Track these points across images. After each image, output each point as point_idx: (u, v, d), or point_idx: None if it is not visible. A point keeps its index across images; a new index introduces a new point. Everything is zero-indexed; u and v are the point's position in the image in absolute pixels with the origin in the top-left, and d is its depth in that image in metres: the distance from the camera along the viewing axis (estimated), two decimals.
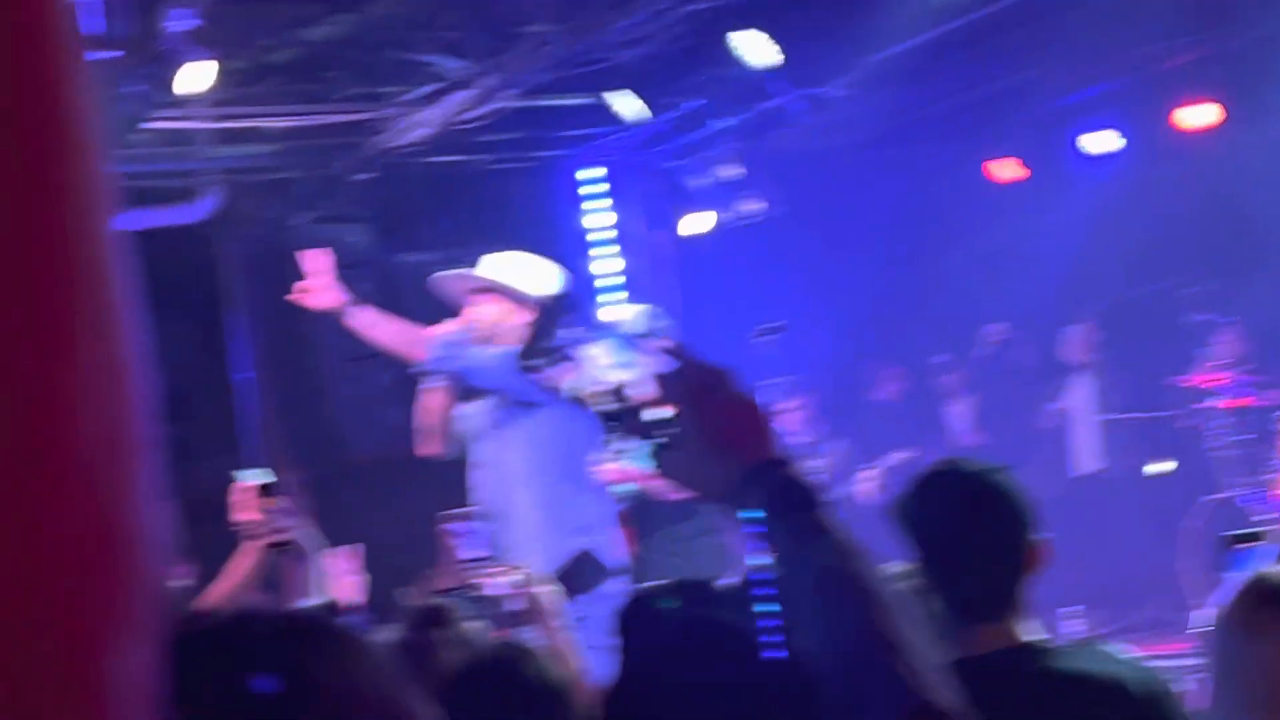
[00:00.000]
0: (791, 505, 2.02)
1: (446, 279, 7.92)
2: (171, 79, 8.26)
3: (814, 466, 11.54)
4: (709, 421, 2.08)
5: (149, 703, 0.68)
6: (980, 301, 12.83)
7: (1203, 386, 10.95)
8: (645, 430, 2.13)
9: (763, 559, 1.98)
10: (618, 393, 2.16)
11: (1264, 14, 10.59)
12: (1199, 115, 11.85)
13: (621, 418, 2.16)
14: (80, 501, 0.68)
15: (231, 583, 5.58)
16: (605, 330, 2.08)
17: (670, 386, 2.12)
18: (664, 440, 2.12)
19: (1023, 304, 12.65)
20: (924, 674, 1.90)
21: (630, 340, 1.96)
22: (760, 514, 2.02)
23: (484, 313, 7.57)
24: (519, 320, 7.50)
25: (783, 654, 1.96)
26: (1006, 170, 12.95)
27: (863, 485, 11.79)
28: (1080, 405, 12.25)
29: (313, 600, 5.63)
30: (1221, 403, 10.80)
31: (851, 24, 9.86)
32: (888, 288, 12.89)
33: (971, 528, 3.63)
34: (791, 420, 11.62)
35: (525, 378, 7.49)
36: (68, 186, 0.72)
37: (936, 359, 13.03)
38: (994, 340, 12.85)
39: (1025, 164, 12.89)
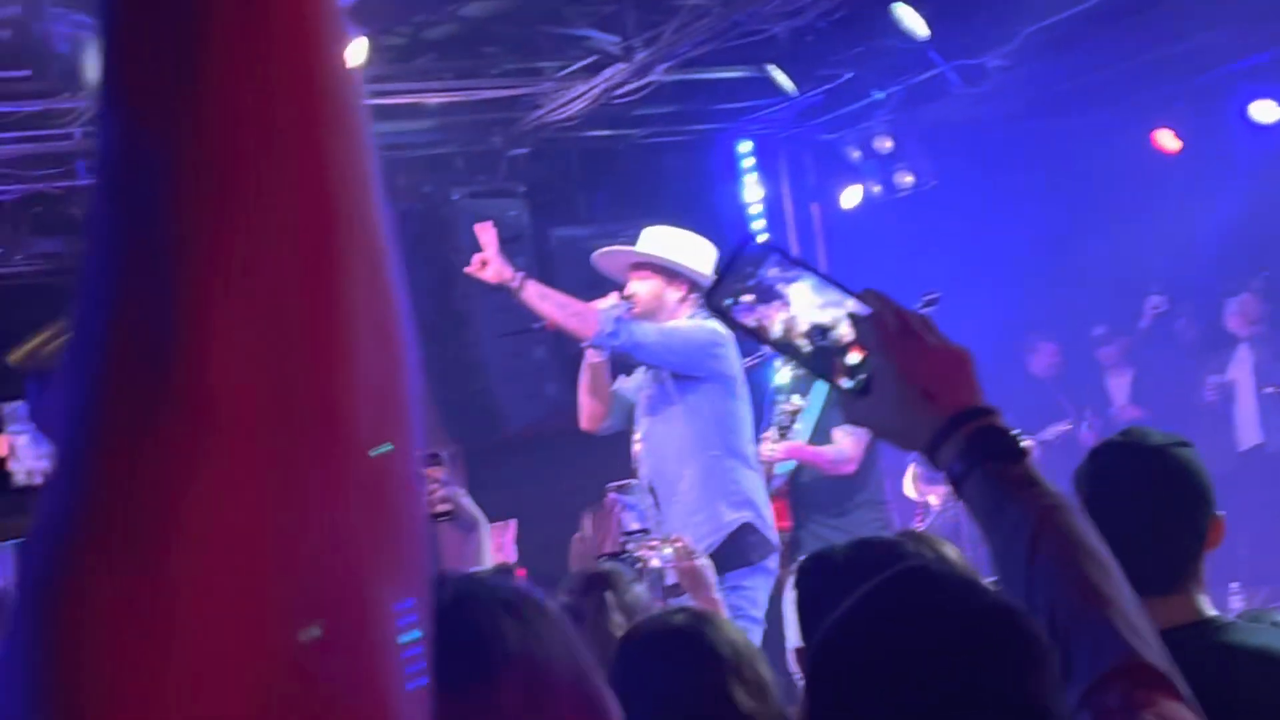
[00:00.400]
0: (993, 455, 1.96)
1: (607, 255, 7.97)
2: None
3: None
4: (908, 368, 2.02)
5: (418, 659, 0.69)
6: (1141, 272, 12.65)
7: None
8: (842, 373, 2.08)
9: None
10: (817, 333, 2.10)
11: None
12: None
13: (817, 360, 2.10)
14: (364, 460, 0.69)
15: None
16: (806, 270, 2.08)
17: (869, 331, 2.06)
18: (859, 385, 2.06)
19: (1183, 275, 12.47)
20: (1138, 630, 1.84)
21: (831, 280, 1.94)
22: (959, 465, 1.97)
23: (643, 288, 7.67)
24: (677, 295, 7.61)
25: (992, 604, 1.90)
26: (1168, 139, 12.73)
27: None
28: (1243, 378, 12.03)
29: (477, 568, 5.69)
30: None
31: None
32: (1046, 259, 12.73)
33: (1151, 501, 3.57)
34: None
35: (688, 352, 7.50)
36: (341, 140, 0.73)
37: (1096, 331, 12.85)
38: (1155, 312, 12.65)
39: (1188, 133, 12.65)
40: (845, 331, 2.08)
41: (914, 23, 9.41)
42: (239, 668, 0.66)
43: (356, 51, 8.43)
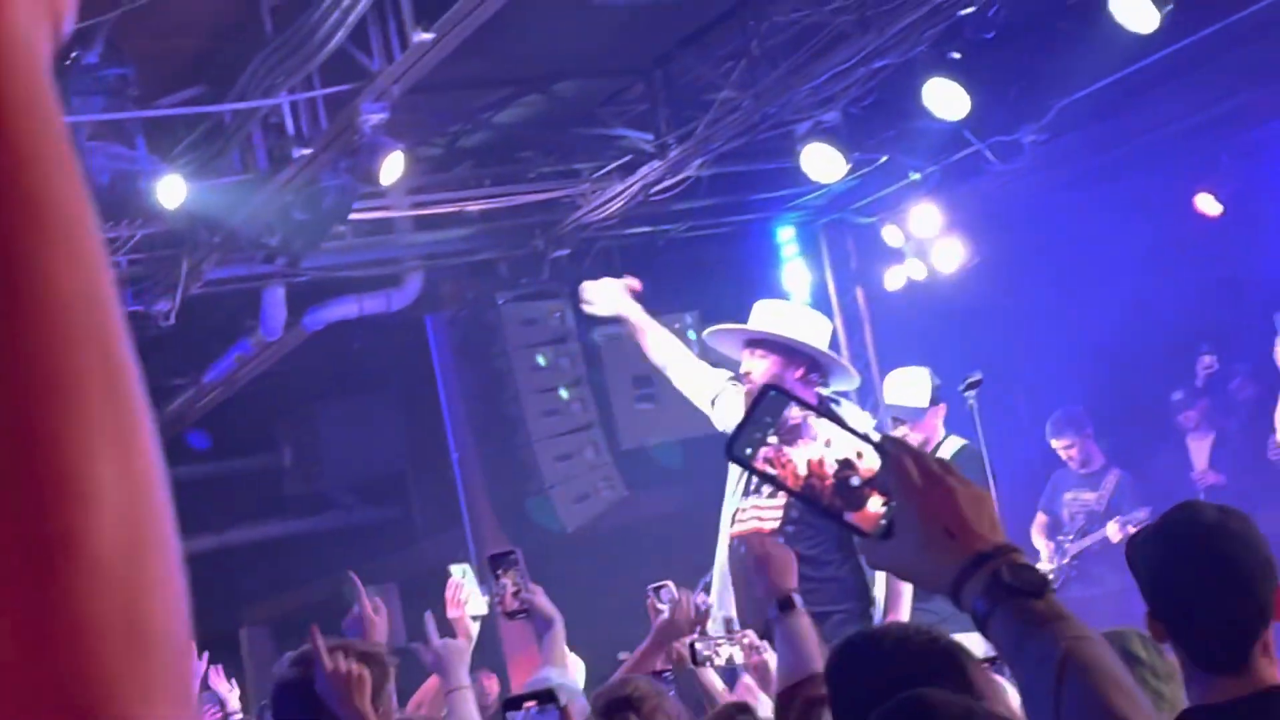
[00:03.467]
0: (1016, 592, 1.98)
1: (719, 333, 7.85)
2: (368, 170, 8.44)
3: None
4: (929, 511, 2.05)
5: None
6: (1193, 334, 12.55)
7: None
8: (865, 519, 2.11)
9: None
10: (838, 480, 2.13)
11: None
12: None
13: (839, 505, 2.13)
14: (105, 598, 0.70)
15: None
16: (825, 417, 2.07)
17: (889, 476, 2.09)
18: (881, 530, 2.09)
19: (1234, 333, 12.39)
20: None
21: (848, 427, 1.95)
22: (982, 603, 1.99)
23: (758, 366, 7.44)
24: (795, 374, 7.40)
25: None
26: (1209, 203, 12.71)
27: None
28: None
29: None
30: None
31: (1041, 68, 9.78)
32: (1103, 328, 12.65)
33: (1207, 578, 3.56)
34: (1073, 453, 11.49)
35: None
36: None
37: (1175, 395, 12.66)
38: (1207, 371, 12.54)
39: (1227, 194, 12.64)
40: (866, 477, 2.11)
41: (947, 103, 9.44)
42: None
43: (397, 165, 8.54)
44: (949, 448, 9.20)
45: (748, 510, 7.59)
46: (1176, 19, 8.16)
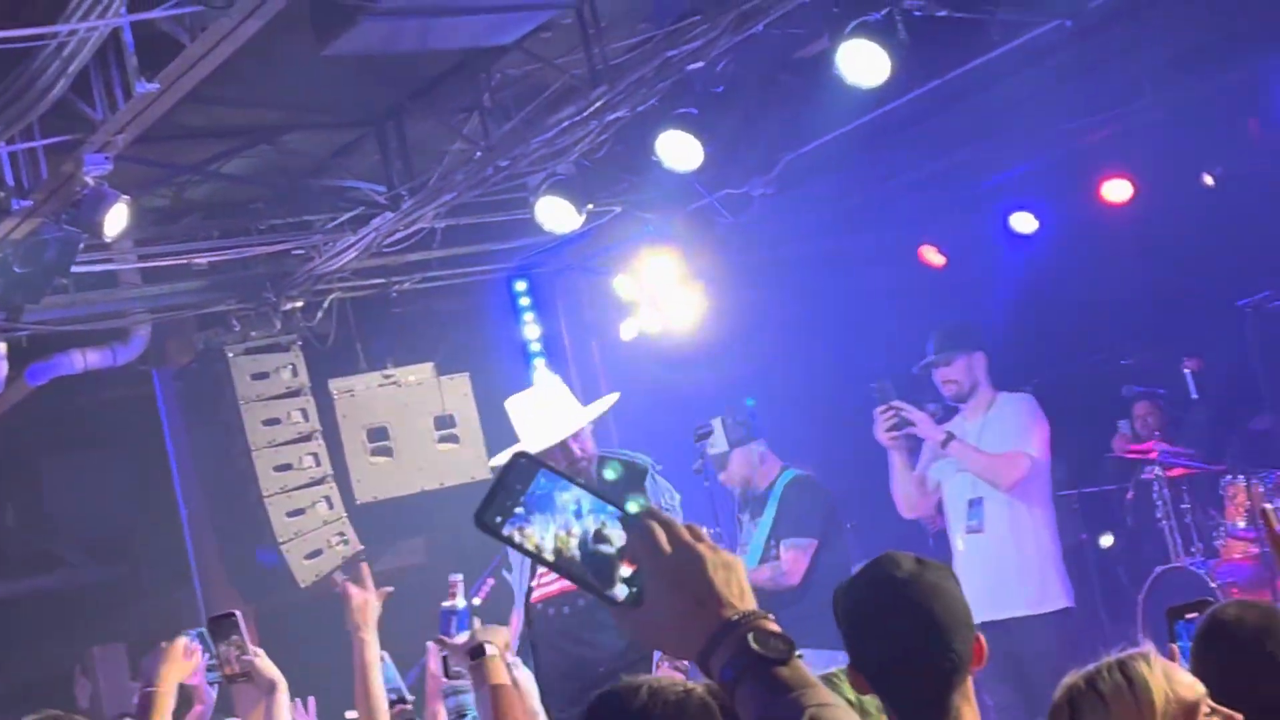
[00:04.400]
0: (763, 659, 1.98)
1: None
2: (91, 222, 8.23)
3: None
4: (678, 578, 2.04)
5: None
6: (918, 391, 12.78)
7: (1136, 457, 10.99)
8: (614, 587, 2.09)
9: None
10: (588, 547, 2.10)
11: (1167, 89, 10.73)
12: (1117, 190, 12.02)
13: (590, 573, 2.10)
14: None
15: None
16: (575, 485, 2.08)
17: (639, 543, 2.08)
18: (632, 598, 2.08)
19: None
20: None
21: (599, 494, 1.94)
22: (729, 671, 1.99)
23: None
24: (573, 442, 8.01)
25: None
26: (933, 255, 13.05)
27: None
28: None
29: None
30: (1167, 471, 10.82)
31: (769, 121, 9.92)
32: (831, 377, 12.84)
33: (903, 628, 3.62)
34: None
35: None
36: None
37: None
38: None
39: (953, 246, 12.98)
40: (616, 544, 2.09)
41: (679, 156, 9.52)
42: None
43: (122, 217, 8.34)
44: (783, 480, 9.59)
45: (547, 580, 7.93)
46: (902, 74, 8.34)
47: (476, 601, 9.37)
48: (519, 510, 2.10)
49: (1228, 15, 9.44)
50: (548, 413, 8.19)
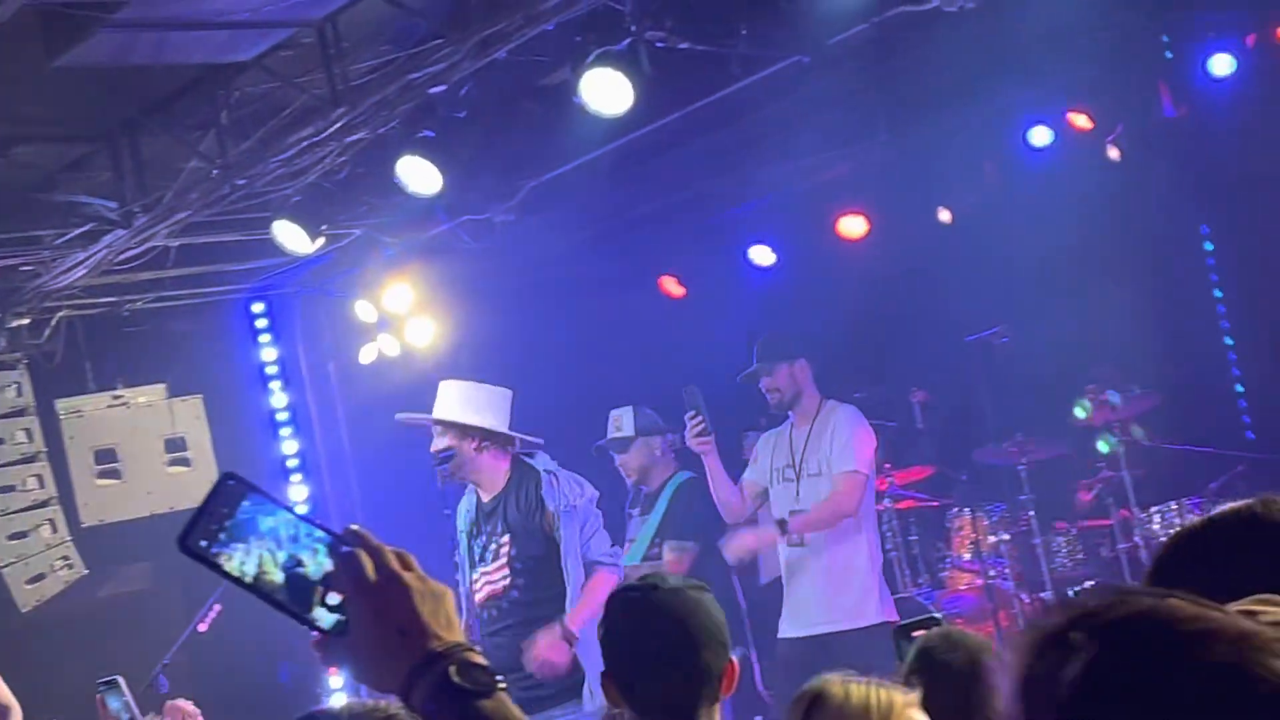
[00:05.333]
0: (466, 693, 1.96)
1: (407, 419, 9.01)
2: None
3: None
4: (383, 607, 2.01)
5: None
6: (668, 420, 12.83)
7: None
8: (319, 614, 2.04)
9: None
10: (293, 574, 2.05)
11: (903, 127, 10.96)
12: (853, 225, 12.25)
13: (294, 600, 2.05)
14: None
15: None
16: (283, 509, 2.01)
17: (345, 570, 2.03)
18: (337, 626, 2.03)
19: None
20: None
21: (307, 519, 1.90)
22: (432, 704, 1.96)
23: (440, 441, 8.60)
24: (468, 445, 8.57)
25: None
26: (673, 285, 13.15)
27: None
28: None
29: None
30: (896, 504, 11.02)
31: (512, 148, 9.91)
32: (568, 413, 12.83)
33: (651, 643, 3.66)
34: None
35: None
36: None
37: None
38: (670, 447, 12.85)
39: (693, 277, 13.10)
40: (323, 570, 2.05)
41: (420, 180, 9.46)
42: None
43: None
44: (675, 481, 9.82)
45: (479, 580, 8.48)
46: (644, 105, 8.39)
47: (202, 629, 9.22)
48: (224, 534, 2.05)
49: (964, 56, 9.67)
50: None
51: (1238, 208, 10.80)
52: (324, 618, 2.04)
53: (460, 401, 8.64)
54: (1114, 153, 10.86)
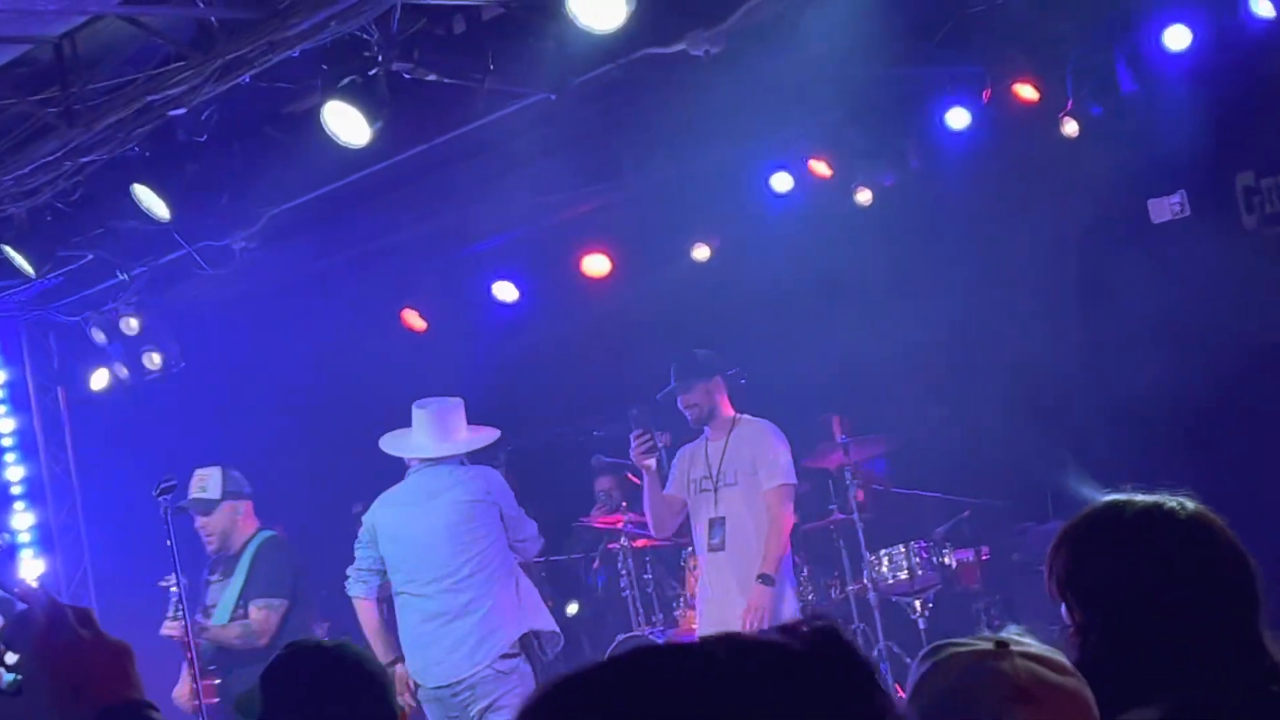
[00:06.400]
0: None
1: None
2: None
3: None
4: (59, 666, 1.95)
5: None
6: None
7: (605, 527, 11.21)
8: None
9: None
10: None
11: (648, 167, 11.06)
12: (597, 264, 12.31)
13: None
14: None
15: None
16: None
17: (19, 630, 1.97)
18: (12, 686, 1.97)
19: None
20: None
21: None
22: None
23: None
24: None
25: None
26: (415, 319, 13.08)
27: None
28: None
29: None
30: (632, 543, 11.05)
31: (253, 175, 9.78)
32: (310, 441, 12.67)
33: (322, 698, 3.64)
34: None
35: None
36: None
37: (356, 508, 12.74)
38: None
39: (435, 312, 13.04)
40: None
41: (154, 204, 9.28)
42: None
43: None
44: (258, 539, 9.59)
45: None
46: (389, 136, 8.35)
47: None
48: None
49: (709, 101, 9.78)
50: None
51: (970, 258, 11.04)
52: (2, 677, 1.98)
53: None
54: (864, 196, 11.07)
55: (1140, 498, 2.86)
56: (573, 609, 12.07)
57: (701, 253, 11.97)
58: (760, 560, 9.01)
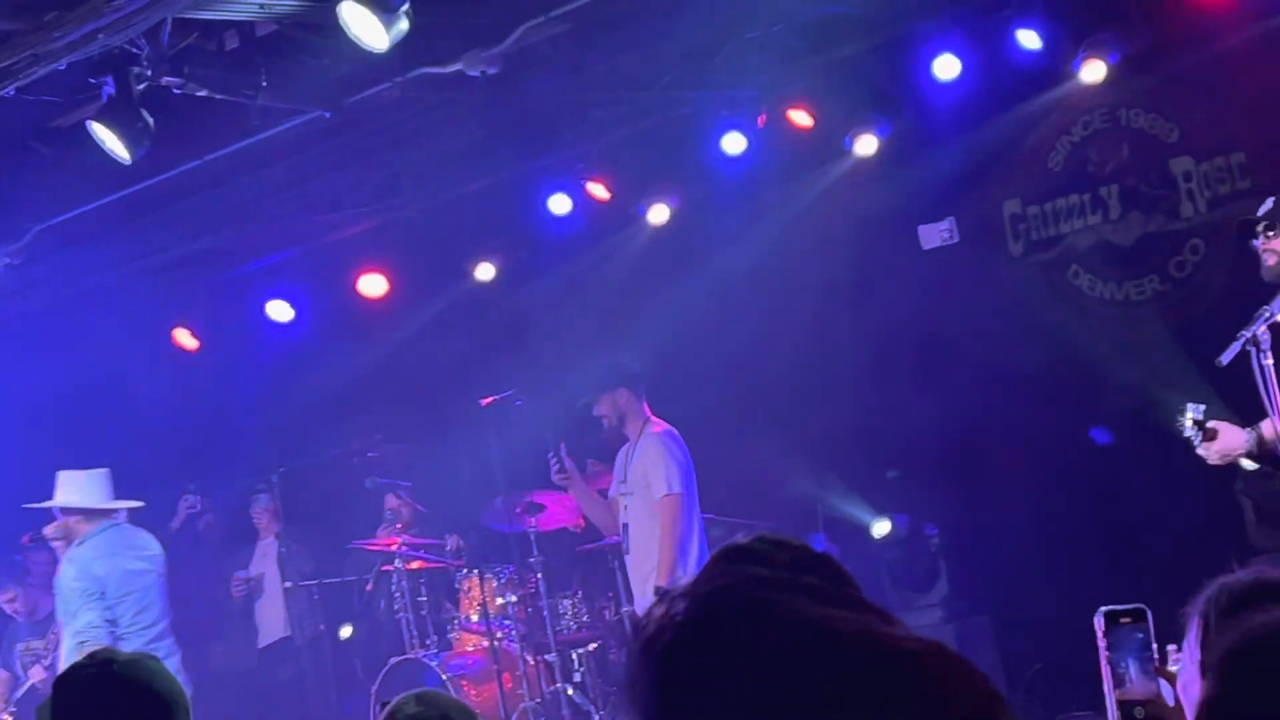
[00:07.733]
0: None
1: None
2: None
3: None
4: None
5: None
6: (180, 471, 12.47)
7: (383, 549, 11.09)
8: None
9: None
10: None
11: (426, 187, 11.02)
12: (373, 284, 12.20)
13: None
14: None
15: None
16: None
17: None
18: None
19: (212, 472, 12.47)
20: None
21: None
22: None
23: None
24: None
25: None
26: (186, 338, 12.85)
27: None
28: (267, 573, 12.13)
29: None
30: (407, 565, 10.94)
31: (20, 189, 9.56)
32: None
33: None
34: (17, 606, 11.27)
35: None
36: None
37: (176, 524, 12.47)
38: (190, 511, 12.47)
39: (208, 331, 12.83)
40: None
41: None
42: None
43: None
44: None
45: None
46: (160, 152, 8.21)
47: None
48: None
49: (486, 120, 9.77)
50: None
51: (743, 283, 11.11)
52: None
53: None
54: (659, 215, 11.07)
55: None
56: (346, 632, 11.93)
57: (485, 272, 11.88)
58: (654, 571, 9.15)
